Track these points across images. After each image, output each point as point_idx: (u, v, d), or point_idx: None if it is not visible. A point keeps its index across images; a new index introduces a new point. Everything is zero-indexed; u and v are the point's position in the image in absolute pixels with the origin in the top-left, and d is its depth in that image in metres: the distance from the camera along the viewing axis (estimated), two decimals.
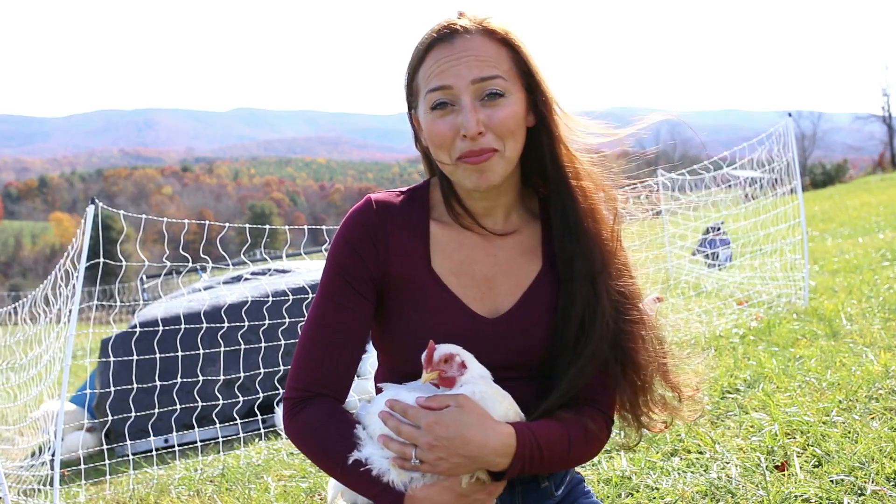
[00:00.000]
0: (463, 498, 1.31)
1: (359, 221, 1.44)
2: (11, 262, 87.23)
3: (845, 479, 2.09)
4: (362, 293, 1.43)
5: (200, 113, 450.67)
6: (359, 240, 1.43)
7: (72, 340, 3.42)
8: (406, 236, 1.44)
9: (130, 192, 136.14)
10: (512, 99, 1.35)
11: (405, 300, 1.43)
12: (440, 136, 1.35)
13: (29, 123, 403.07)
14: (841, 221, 13.29)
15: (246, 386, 4.99)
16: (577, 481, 1.61)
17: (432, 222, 1.47)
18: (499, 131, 1.33)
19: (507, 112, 1.33)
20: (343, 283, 1.43)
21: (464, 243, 1.46)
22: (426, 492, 1.29)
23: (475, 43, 1.34)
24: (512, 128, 1.34)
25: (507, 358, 1.41)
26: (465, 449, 1.25)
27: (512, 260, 1.47)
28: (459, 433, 1.25)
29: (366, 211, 1.45)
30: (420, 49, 1.38)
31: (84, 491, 3.68)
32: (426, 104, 1.36)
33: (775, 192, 5.53)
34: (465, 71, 1.32)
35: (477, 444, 1.25)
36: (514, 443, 1.29)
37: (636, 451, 2.64)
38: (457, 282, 1.44)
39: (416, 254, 1.44)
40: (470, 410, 1.28)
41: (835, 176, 39.80)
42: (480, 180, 1.36)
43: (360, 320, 1.44)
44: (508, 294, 1.45)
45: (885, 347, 3.40)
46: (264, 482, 3.24)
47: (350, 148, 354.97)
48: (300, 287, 5.37)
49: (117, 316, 9.31)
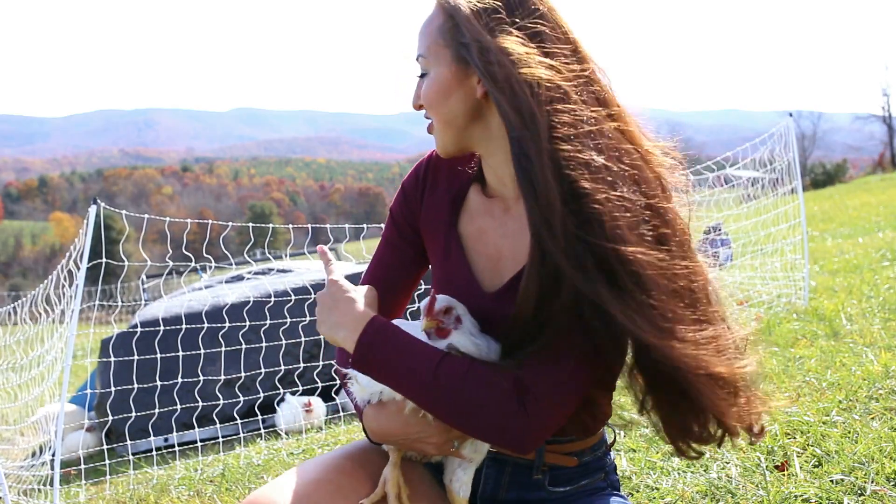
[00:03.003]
0: (409, 426, 1.33)
1: (415, 170, 1.57)
2: (11, 262, 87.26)
3: (845, 479, 2.09)
4: (406, 236, 1.56)
5: (200, 113, 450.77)
6: (409, 187, 1.56)
7: (72, 340, 3.42)
8: (442, 194, 1.52)
9: (130, 192, 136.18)
10: (432, 72, 1.37)
11: (433, 252, 1.53)
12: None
13: (29, 123, 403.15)
14: (841, 221, 13.30)
15: (246, 386, 5.00)
16: (598, 489, 1.51)
17: (473, 185, 1.52)
18: (425, 105, 1.39)
19: (426, 87, 1.38)
20: (392, 224, 1.58)
21: (486, 211, 1.49)
22: (376, 411, 1.36)
23: (430, 16, 1.38)
24: (431, 101, 1.37)
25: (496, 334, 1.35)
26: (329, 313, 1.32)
27: (517, 234, 1.43)
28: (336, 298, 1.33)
29: (424, 163, 1.57)
30: None
31: (84, 491, 3.68)
32: None
33: (776, 192, 5.54)
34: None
35: (340, 312, 1.31)
36: (362, 324, 1.28)
37: (636, 450, 2.64)
38: (473, 247, 1.48)
39: (445, 211, 1.51)
40: (360, 292, 1.34)
41: (835, 176, 39.82)
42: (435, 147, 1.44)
43: (404, 261, 1.56)
44: (510, 270, 1.43)
45: (885, 347, 3.40)
46: (264, 482, 3.24)
47: (350, 148, 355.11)
48: (302, 287, 5.37)
49: (118, 316, 9.32)
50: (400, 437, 1.35)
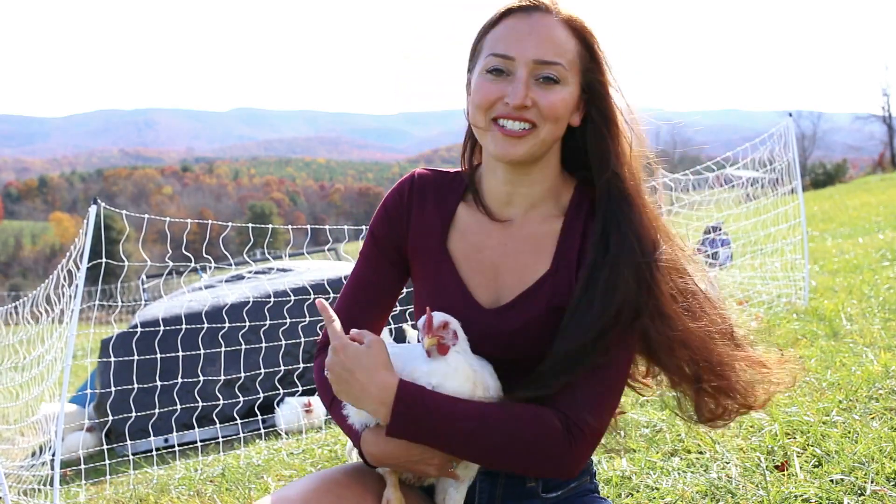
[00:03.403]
0: (411, 449, 1.32)
1: (396, 192, 1.56)
2: (11, 262, 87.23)
3: (845, 479, 2.09)
4: (389, 256, 1.55)
5: (200, 113, 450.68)
6: (392, 208, 1.55)
7: (72, 340, 3.42)
8: (431, 212, 1.52)
9: (130, 192, 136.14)
10: (566, 88, 1.38)
11: (420, 273, 1.53)
12: (485, 96, 1.38)
13: (29, 123, 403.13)
14: (841, 221, 13.30)
15: (246, 386, 4.99)
16: (586, 491, 1.56)
17: (462, 203, 1.53)
18: (544, 112, 1.37)
19: (557, 97, 1.37)
20: (373, 244, 1.56)
21: (481, 228, 1.50)
22: (377, 435, 1.34)
23: (550, 23, 1.37)
24: (557, 113, 1.37)
25: (496, 351, 1.42)
26: (350, 385, 1.30)
27: (521, 254, 1.47)
28: (350, 368, 1.30)
29: (406, 182, 1.56)
30: (498, 13, 1.42)
31: (84, 491, 3.68)
32: (483, 65, 1.40)
33: (776, 192, 5.54)
34: (532, 48, 1.35)
35: (361, 383, 1.29)
36: (392, 395, 1.28)
37: (636, 450, 2.64)
38: (467, 265, 1.49)
39: (436, 231, 1.51)
40: (371, 353, 1.31)
41: (835, 176, 39.80)
42: (507, 148, 1.38)
43: (385, 281, 1.56)
44: (511, 287, 1.46)
45: (885, 347, 3.40)
46: (264, 482, 3.24)
47: (350, 148, 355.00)
48: (301, 287, 5.37)
49: (118, 316, 9.32)
50: (402, 460, 1.35)
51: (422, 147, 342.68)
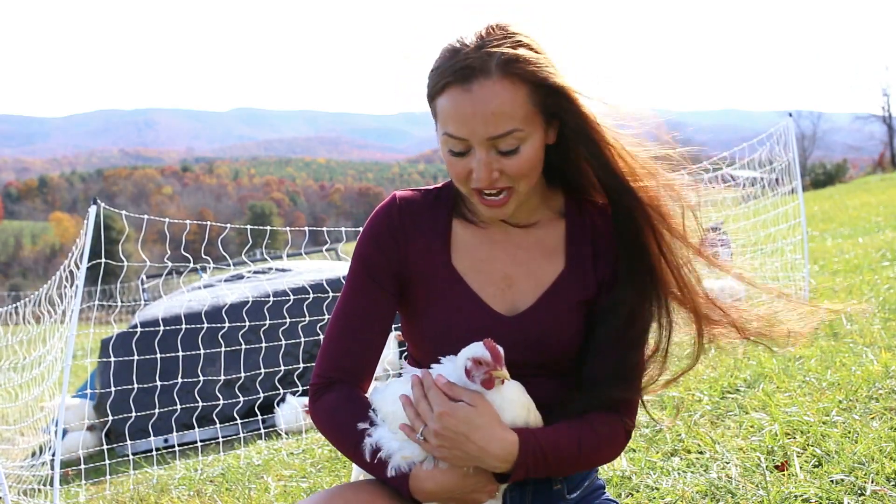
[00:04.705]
0: (467, 480, 1.33)
1: (382, 218, 1.51)
2: (11, 262, 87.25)
3: (845, 479, 2.09)
4: (383, 285, 1.49)
5: (200, 113, 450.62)
6: (381, 234, 1.50)
7: (72, 340, 3.42)
8: (427, 235, 1.50)
9: (130, 192, 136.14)
10: (527, 146, 1.34)
11: (426, 296, 1.49)
12: (456, 174, 1.39)
13: (29, 123, 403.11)
14: (841, 221, 13.30)
15: (246, 386, 5.00)
16: (597, 487, 1.61)
17: (455, 220, 1.52)
18: (514, 176, 1.36)
19: (521, 160, 1.35)
20: (365, 275, 1.50)
21: (485, 241, 1.50)
22: (432, 472, 1.34)
23: (491, 91, 1.29)
24: (525, 172, 1.36)
25: (525, 356, 1.43)
26: (466, 447, 1.29)
27: (532, 259, 1.49)
28: (465, 432, 1.28)
29: (389, 208, 1.51)
30: (437, 83, 1.35)
31: (84, 491, 3.69)
32: (443, 140, 1.37)
33: (775, 192, 5.54)
34: (481, 127, 1.31)
35: (479, 446, 1.29)
36: (515, 451, 1.30)
37: (636, 450, 2.64)
38: (476, 279, 1.48)
39: (436, 251, 1.49)
40: (482, 412, 1.30)
41: (835, 176, 39.79)
42: (494, 212, 1.42)
43: (381, 311, 1.50)
44: (528, 293, 1.47)
45: (885, 347, 3.40)
46: (264, 482, 3.24)
47: (350, 148, 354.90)
48: (301, 287, 5.37)
49: (118, 316, 9.32)
50: (457, 492, 1.35)
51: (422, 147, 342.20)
